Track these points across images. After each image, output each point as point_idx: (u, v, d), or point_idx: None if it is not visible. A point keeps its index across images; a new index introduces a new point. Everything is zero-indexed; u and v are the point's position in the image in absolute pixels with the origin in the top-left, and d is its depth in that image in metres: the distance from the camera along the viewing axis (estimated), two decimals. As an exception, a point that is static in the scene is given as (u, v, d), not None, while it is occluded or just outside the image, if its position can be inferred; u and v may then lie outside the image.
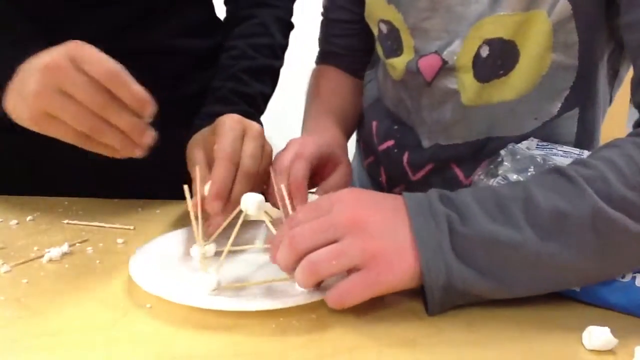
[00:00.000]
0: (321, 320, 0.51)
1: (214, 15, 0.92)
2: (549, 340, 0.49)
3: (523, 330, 0.50)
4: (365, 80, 0.91)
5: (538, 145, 0.68)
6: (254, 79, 0.82)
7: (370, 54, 0.90)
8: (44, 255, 0.62)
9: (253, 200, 0.56)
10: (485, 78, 0.71)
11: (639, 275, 0.52)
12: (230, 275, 0.58)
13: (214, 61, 0.85)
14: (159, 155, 0.80)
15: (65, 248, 0.64)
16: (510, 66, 0.70)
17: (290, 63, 0.98)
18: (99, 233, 0.69)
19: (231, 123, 0.65)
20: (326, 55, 0.93)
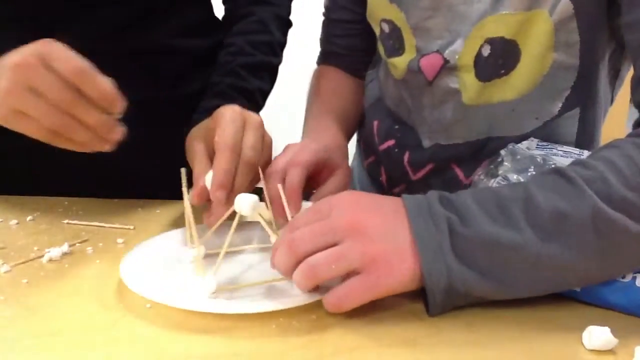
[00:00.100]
0: (321, 321, 0.51)
1: (212, 15, 0.93)
2: (549, 340, 0.49)
3: (523, 330, 0.50)
4: (366, 80, 0.91)
5: (538, 145, 0.68)
6: (252, 75, 0.82)
7: (372, 54, 0.90)
8: (44, 255, 0.62)
9: (247, 201, 0.55)
10: (487, 77, 0.71)
11: (639, 276, 0.52)
12: (226, 277, 0.58)
13: (213, 61, 0.85)
14: (159, 155, 0.80)
15: (65, 248, 0.64)
16: (512, 66, 0.70)
17: (291, 63, 0.98)
18: (99, 233, 0.69)
19: (232, 114, 0.64)
20: (327, 56, 0.92)
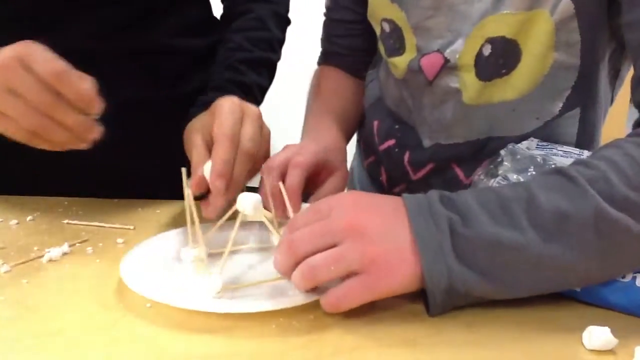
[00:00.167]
0: (321, 321, 0.51)
1: (211, 15, 0.93)
2: (549, 341, 0.49)
3: (523, 330, 0.50)
4: (367, 80, 0.91)
5: (538, 145, 0.68)
6: (250, 70, 0.82)
7: (372, 55, 0.90)
8: (44, 255, 0.62)
9: (250, 200, 0.55)
10: (487, 77, 0.71)
11: (639, 276, 0.52)
12: (228, 276, 0.57)
13: (213, 60, 0.85)
14: (159, 155, 0.80)
15: (65, 248, 0.64)
16: (512, 65, 0.70)
17: (291, 63, 0.98)
18: (99, 233, 0.69)
19: (230, 106, 0.64)
20: (328, 56, 0.92)
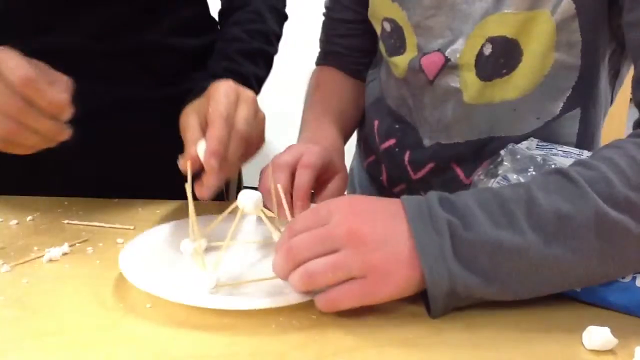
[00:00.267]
0: (321, 321, 0.51)
1: (209, 14, 0.93)
2: (549, 341, 0.49)
3: (523, 330, 0.50)
4: (367, 80, 0.91)
5: (538, 145, 0.68)
6: (247, 61, 0.83)
7: (371, 56, 0.90)
8: (44, 255, 0.62)
9: (250, 197, 0.55)
10: (488, 77, 0.71)
11: (639, 276, 0.52)
12: (227, 273, 0.57)
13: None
14: (159, 155, 0.80)
15: (65, 248, 0.64)
16: (513, 65, 0.70)
17: (290, 63, 0.98)
18: (99, 233, 0.69)
19: (225, 88, 0.64)
20: (328, 56, 0.92)
